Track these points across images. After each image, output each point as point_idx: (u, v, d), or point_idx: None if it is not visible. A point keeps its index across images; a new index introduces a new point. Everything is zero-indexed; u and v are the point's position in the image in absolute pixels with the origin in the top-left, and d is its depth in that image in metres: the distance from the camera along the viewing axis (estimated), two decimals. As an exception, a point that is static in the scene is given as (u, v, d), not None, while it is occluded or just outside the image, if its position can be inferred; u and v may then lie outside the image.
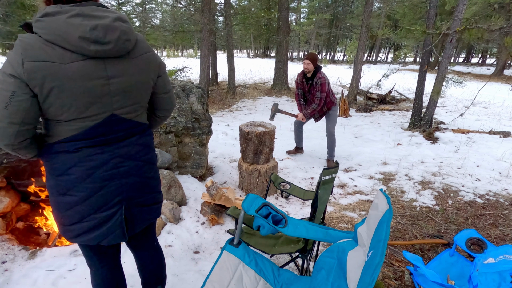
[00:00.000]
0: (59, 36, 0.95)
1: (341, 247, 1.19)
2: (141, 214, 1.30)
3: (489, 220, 2.97)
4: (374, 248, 0.92)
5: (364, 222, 1.19)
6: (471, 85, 10.62)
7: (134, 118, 1.20)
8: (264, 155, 3.21)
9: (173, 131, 3.21)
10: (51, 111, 1.01)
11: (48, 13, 0.96)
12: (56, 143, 1.08)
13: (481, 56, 33.58)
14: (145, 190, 1.29)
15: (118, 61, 1.08)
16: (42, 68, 0.94)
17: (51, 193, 1.16)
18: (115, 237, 1.22)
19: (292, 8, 20.53)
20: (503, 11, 15.59)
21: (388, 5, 20.08)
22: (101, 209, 1.16)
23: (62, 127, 1.05)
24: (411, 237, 2.68)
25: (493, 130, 6.04)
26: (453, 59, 21.16)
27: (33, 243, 2.35)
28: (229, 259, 1.43)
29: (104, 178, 1.14)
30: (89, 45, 0.98)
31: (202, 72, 9.52)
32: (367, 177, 3.93)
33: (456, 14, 5.17)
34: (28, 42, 0.94)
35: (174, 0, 13.12)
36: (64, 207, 1.14)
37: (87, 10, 1.00)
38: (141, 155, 1.25)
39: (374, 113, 8.03)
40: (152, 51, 1.21)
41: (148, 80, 1.20)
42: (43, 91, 0.96)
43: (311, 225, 1.38)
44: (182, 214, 2.73)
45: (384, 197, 1.10)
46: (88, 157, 1.10)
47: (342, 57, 40.48)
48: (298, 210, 3.07)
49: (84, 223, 1.16)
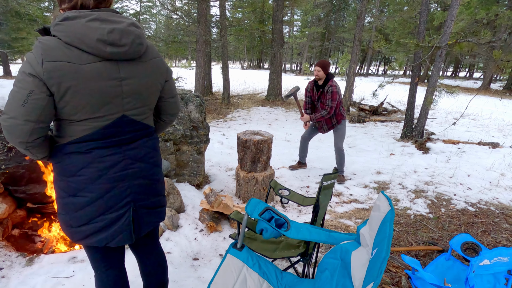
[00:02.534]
0: (77, 38, 1.00)
1: (344, 248, 1.23)
2: (148, 217, 1.32)
3: (481, 227, 3.05)
4: (379, 245, 0.96)
5: (367, 223, 1.23)
6: (460, 98, 10.92)
7: (143, 120, 1.24)
8: (261, 163, 3.25)
9: (171, 139, 3.24)
10: (66, 110, 1.05)
11: (68, 17, 1.01)
12: (68, 143, 1.11)
13: (469, 70, 34.60)
14: (152, 193, 1.32)
15: (131, 64, 1.13)
16: (61, 68, 0.98)
17: (60, 195, 1.18)
18: (123, 238, 1.24)
19: (286, 21, 20.95)
20: (489, 27, 16.21)
21: (379, 19, 20.66)
22: (110, 210, 1.18)
23: (75, 127, 1.09)
24: (406, 244, 2.73)
25: (482, 141, 6.21)
26: (441, 72, 21.76)
27: (29, 251, 2.32)
28: (233, 262, 1.45)
29: (115, 179, 1.17)
30: (105, 47, 1.03)
31: (197, 82, 9.60)
32: (362, 186, 4.00)
33: (445, 29, 5.38)
34: (48, 44, 0.99)
35: (170, 11, 13.28)
36: (74, 209, 1.16)
37: (104, 15, 1.06)
38: (149, 157, 1.29)
39: (367, 124, 8.17)
40: (160, 57, 1.26)
41: (157, 83, 1.25)
42: (60, 90, 1.00)
43: (313, 228, 1.42)
44: (181, 221, 2.73)
45: (386, 199, 1.15)
46: (100, 158, 1.13)
47: (334, 70, 41.20)
48: (295, 218, 3.10)
49: (94, 224, 1.18)
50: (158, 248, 1.59)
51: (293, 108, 10.40)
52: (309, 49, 33.17)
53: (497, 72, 20.94)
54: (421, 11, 6.07)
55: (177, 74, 11.56)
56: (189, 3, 14.44)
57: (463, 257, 2.07)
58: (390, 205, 1.12)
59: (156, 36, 16.18)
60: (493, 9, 13.51)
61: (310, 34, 28.66)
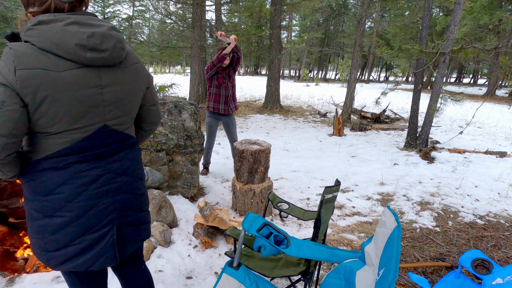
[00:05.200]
0: (54, 43, 0.96)
1: (348, 267, 1.20)
2: (132, 235, 1.28)
3: (491, 241, 3.02)
4: (386, 265, 0.93)
5: (372, 240, 1.21)
6: (464, 105, 11.03)
7: (124, 130, 1.21)
8: (259, 174, 3.22)
9: (164, 149, 3.21)
10: (41, 122, 1.00)
11: (42, 21, 0.97)
12: (43, 159, 1.05)
13: (473, 76, 35.05)
14: (136, 208, 1.29)
15: (111, 70, 1.11)
16: (36, 76, 0.94)
17: (33, 217, 1.10)
18: (106, 260, 1.19)
19: (284, 26, 21.20)
20: (492, 32, 16.47)
21: (380, 24, 20.96)
22: (92, 229, 1.13)
23: (51, 140, 1.04)
24: (412, 259, 2.70)
25: (489, 150, 6.23)
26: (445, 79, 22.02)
27: (10, 270, 2.26)
28: (229, 282, 1.41)
29: (97, 196, 1.13)
30: (85, 52, 1.00)
31: (192, 89, 9.62)
32: (365, 198, 3.97)
33: (448, 35, 5.45)
34: (20, 50, 0.94)
35: (163, 16, 13.40)
36: (50, 231, 1.09)
37: (83, 18, 1.03)
38: (132, 170, 1.26)
39: (369, 132, 8.20)
40: (141, 62, 1.25)
41: (138, 90, 1.23)
42: (35, 100, 0.96)
43: (315, 245, 1.39)
44: (173, 236, 2.68)
45: (392, 214, 1.13)
46: (80, 173, 1.08)
47: (334, 76, 41.61)
48: (295, 233, 3.06)
49: (73, 246, 1.11)
50: (143, 268, 1.54)
51: (292, 116, 10.43)
52: (308, 55, 33.52)
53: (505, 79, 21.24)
54: (423, 16, 6.16)
55: (171, 80, 11.57)
56: (183, 8, 14.59)
57: (473, 275, 2.04)
58: (396, 220, 1.09)
59: (150, 42, 16.29)
60: (496, 14, 13.77)
61: (309, 39, 29.00)
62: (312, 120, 10.04)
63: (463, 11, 8.77)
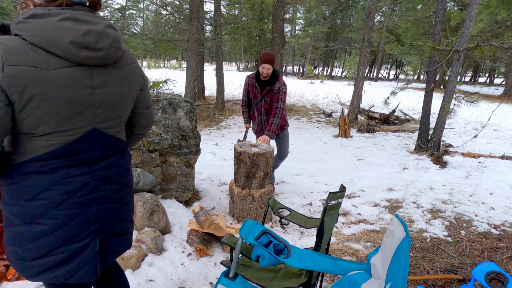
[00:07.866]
0: (46, 39, 0.96)
1: (352, 280, 1.20)
2: (114, 246, 1.28)
3: (506, 253, 3.02)
4: (393, 279, 0.93)
5: (378, 251, 1.21)
6: (479, 106, 11.04)
7: (115, 134, 1.21)
8: (257, 179, 3.22)
9: (157, 149, 3.21)
10: (27, 122, 0.99)
11: (35, 15, 0.96)
12: (27, 162, 1.04)
13: (489, 75, 35.08)
14: (120, 218, 1.29)
15: (105, 70, 1.10)
16: (25, 73, 0.93)
17: (11, 223, 1.09)
18: (85, 274, 1.17)
19: (287, 19, 21.24)
20: (510, 29, 16.47)
21: (390, 19, 20.99)
22: (73, 239, 1.12)
23: (36, 142, 1.03)
24: (422, 271, 2.70)
25: (505, 154, 6.23)
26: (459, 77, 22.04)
27: (-10, 277, 2.26)
28: (224, 294, 1.41)
29: (82, 204, 1.12)
30: (79, 50, 1.00)
31: (188, 85, 9.63)
32: (372, 205, 3.97)
33: (463, 31, 5.45)
34: (9, 44, 0.94)
35: (159, 7, 13.42)
36: (28, 238, 1.08)
37: (79, 14, 1.02)
38: (120, 178, 1.26)
39: (377, 134, 8.20)
40: (136, 62, 1.25)
41: (132, 92, 1.23)
42: (22, 99, 0.95)
43: (317, 255, 1.39)
44: (166, 243, 2.68)
45: (400, 223, 1.13)
46: (66, 179, 1.08)
47: (341, 73, 41.66)
48: (296, 241, 3.06)
49: (52, 257, 1.11)
50: (123, 276, 1.55)
51: (294, 115, 10.44)
52: (313, 50, 33.55)
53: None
54: (436, 10, 6.17)
55: (166, 75, 11.60)
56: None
57: (487, 289, 2.04)
58: (405, 230, 1.09)
59: (144, 34, 16.30)
60: (515, 9, 13.76)
61: (314, 33, 29.04)
62: (317, 120, 10.05)
63: (479, 5, 8.78)
